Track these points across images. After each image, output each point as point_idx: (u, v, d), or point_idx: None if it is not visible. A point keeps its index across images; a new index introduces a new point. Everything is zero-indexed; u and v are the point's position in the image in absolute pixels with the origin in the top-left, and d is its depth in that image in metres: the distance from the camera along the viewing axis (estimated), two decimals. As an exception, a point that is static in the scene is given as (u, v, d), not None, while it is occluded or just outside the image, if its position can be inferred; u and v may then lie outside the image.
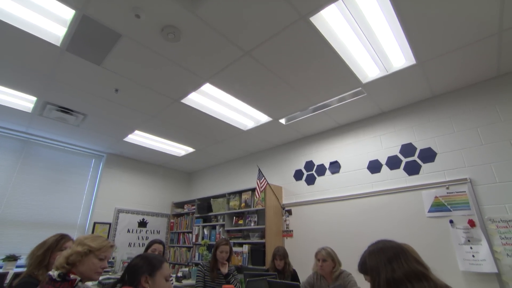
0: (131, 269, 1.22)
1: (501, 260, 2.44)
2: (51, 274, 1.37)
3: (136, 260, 1.25)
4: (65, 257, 1.40)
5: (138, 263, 1.23)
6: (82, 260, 1.43)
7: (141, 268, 1.20)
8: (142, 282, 1.17)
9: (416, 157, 3.17)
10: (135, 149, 5.04)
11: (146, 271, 1.20)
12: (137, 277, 1.17)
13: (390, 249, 1.03)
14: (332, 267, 2.53)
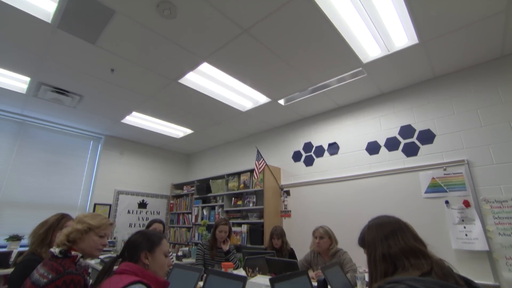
0: (131, 245, 1.23)
1: (492, 238, 2.51)
2: (53, 251, 1.40)
3: (135, 237, 1.26)
4: (66, 235, 1.43)
5: (138, 240, 1.23)
6: (82, 237, 1.47)
7: (140, 244, 1.21)
8: (142, 258, 1.18)
9: (415, 138, 3.18)
10: (133, 131, 5.01)
11: (146, 247, 1.21)
12: (137, 253, 1.19)
13: (388, 225, 1.05)
14: (329, 244, 2.60)
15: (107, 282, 1.05)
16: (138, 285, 0.99)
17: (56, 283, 1.29)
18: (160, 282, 1.15)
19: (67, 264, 1.37)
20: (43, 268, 1.36)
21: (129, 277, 1.03)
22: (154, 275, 1.14)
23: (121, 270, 1.10)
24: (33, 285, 1.32)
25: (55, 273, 1.31)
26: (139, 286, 0.99)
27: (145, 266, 1.17)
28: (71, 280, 1.31)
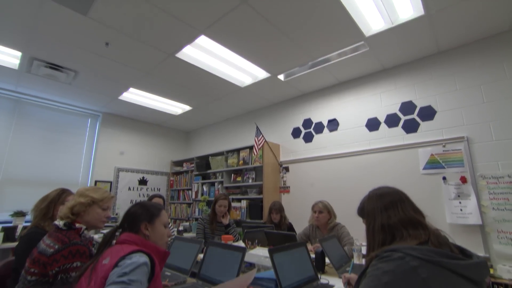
0: (130, 216, 1.24)
1: (486, 213, 2.57)
2: (57, 224, 1.43)
3: (135, 208, 1.26)
4: (69, 208, 1.46)
5: (137, 211, 1.24)
6: (86, 210, 1.50)
7: (140, 215, 1.22)
8: (142, 229, 1.20)
9: (416, 115, 3.15)
10: (131, 108, 4.95)
11: (146, 218, 1.22)
12: (137, 224, 1.20)
13: (388, 196, 1.05)
14: (328, 219, 2.66)
15: (108, 251, 1.07)
16: (139, 254, 1.01)
17: (62, 253, 1.33)
18: (160, 252, 1.17)
19: (72, 235, 1.41)
20: (49, 239, 1.40)
21: (129, 247, 1.05)
22: (155, 245, 1.16)
23: (122, 240, 1.12)
24: (40, 254, 1.36)
25: (61, 243, 1.35)
26: (140, 255, 1.01)
27: (145, 236, 1.19)
28: (76, 250, 1.35)
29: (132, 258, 0.97)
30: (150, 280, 1.01)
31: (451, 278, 0.80)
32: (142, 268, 0.97)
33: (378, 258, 0.88)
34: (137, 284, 0.92)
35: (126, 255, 0.99)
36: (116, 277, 0.91)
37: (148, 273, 1.00)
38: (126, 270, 0.93)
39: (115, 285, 0.89)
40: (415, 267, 0.79)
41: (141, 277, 0.96)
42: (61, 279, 1.31)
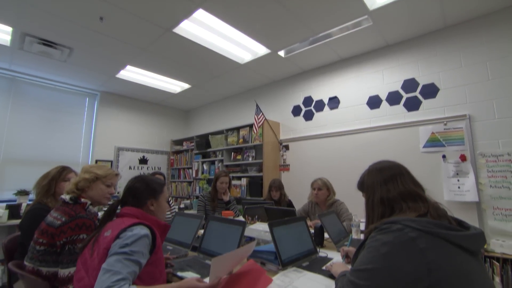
0: (135, 191, 1.24)
1: (483, 190, 2.60)
2: (64, 198, 1.47)
3: (138, 184, 1.26)
4: (74, 184, 1.51)
5: (141, 187, 1.25)
6: (90, 186, 1.55)
7: (145, 191, 1.23)
8: (148, 204, 1.22)
9: (418, 93, 3.11)
10: (129, 87, 4.86)
11: (152, 194, 1.24)
12: (143, 200, 1.22)
13: (388, 170, 1.05)
14: (327, 195, 2.69)
15: (109, 224, 1.08)
16: (140, 226, 1.03)
17: (69, 225, 1.37)
18: (161, 225, 1.19)
19: (78, 209, 1.46)
20: (56, 212, 1.45)
21: (130, 220, 1.07)
22: (155, 218, 1.18)
23: (123, 214, 1.14)
24: (48, 226, 1.41)
25: (68, 216, 1.40)
26: (141, 227, 1.02)
27: (150, 211, 1.21)
28: (82, 223, 1.39)
29: (133, 230, 0.99)
30: (152, 252, 1.03)
31: (448, 248, 0.81)
32: (143, 240, 0.98)
33: (377, 230, 0.89)
34: (139, 255, 0.94)
35: (127, 227, 1.00)
36: (118, 248, 0.93)
37: (150, 245, 1.02)
38: (127, 242, 0.94)
39: (117, 256, 0.90)
40: (414, 238, 0.81)
41: (143, 249, 0.97)
42: (68, 250, 1.36)
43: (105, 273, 0.85)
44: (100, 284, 0.82)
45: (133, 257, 0.92)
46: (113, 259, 0.89)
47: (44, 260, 1.37)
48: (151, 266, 1.02)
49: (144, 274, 0.98)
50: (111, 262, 0.88)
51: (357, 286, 0.84)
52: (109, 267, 0.86)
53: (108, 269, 0.85)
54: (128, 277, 0.87)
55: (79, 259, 1.06)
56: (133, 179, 1.28)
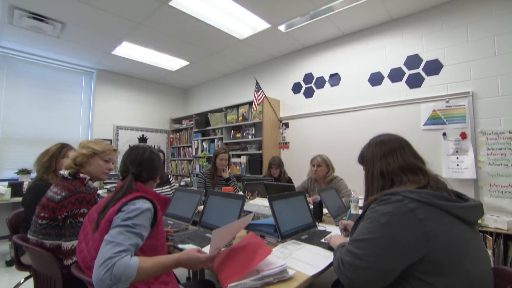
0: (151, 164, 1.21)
1: (482, 168, 2.62)
2: (63, 173, 1.47)
3: (154, 156, 1.23)
4: (72, 159, 1.51)
5: (156, 158, 1.23)
6: (88, 161, 1.55)
7: (159, 166, 1.24)
8: (157, 178, 1.25)
9: (421, 69, 3.04)
10: (126, 64, 4.75)
11: (161, 170, 1.27)
12: (156, 173, 1.23)
13: (388, 143, 1.04)
14: (326, 172, 2.71)
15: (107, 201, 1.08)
16: (142, 200, 1.03)
17: (70, 200, 1.38)
18: (161, 198, 1.19)
19: (77, 184, 1.46)
20: (56, 188, 1.46)
21: (132, 193, 1.07)
22: (156, 192, 1.18)
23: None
24: (48, 200, 1.42)
25: (68, 191, 1.40)
26: (143, 201, 1.03)
27: (153, 184, 1.24)
28: (83, 197, 1.41)
29: (136, 204, 0.99)
30: (153, 225, 1.04)
31: (446, 218, 0.82)
32: (145, 213, 0.99)
33: (377, 202, 0.89)
34: (141, 228, 0.95)
35: (129, 200, 1.00)
36: (120, 220, 0.93)
37: (151, 219, 1.03)
38: (130, 215, 0.95)
39: (119, 228, 0.91)
40: (413, 208, 0.81)
41: (145, 222, 0.98)
42: (70, 223, 1.38)
43: (107, 244, 0.86)
44: (102, 254, 0.83)
45: (135, 230, 0.93)
46: (115, 231, 0.90)
47: (47, 233, 1.40)
48: (152, 239, 1.03)
49: (146, 247, 1.00)
50: (113, 234, 0.89)
51: (356, 255, 0.85)
52: (112, 238, 0.87)
53: (111, 241, 0.86)
54: (130, 249, 0.88)
55: (81, 231, 1.08)
56: (144, 150, 1.22)
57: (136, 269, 0.82)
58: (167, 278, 1.06)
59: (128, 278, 0.80)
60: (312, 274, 1.02)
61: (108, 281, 0.78)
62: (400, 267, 0.81)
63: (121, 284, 0.80)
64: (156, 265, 0.89)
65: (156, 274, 0.91)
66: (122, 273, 0.79)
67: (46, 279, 1.35)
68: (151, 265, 0.87)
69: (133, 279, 0.82)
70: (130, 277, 0.81)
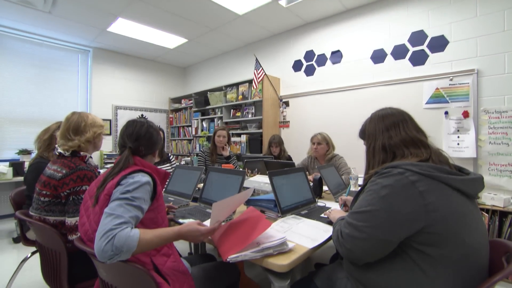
0: (149, 139, 1.18)
1: (482, 147, 2.62)
2: (62, 151, 1.46)
3: (151, 130, 1.20)
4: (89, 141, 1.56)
5: (155, 135, 1.21)
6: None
7: (158, 141, 1.22)
8: (156, 153, 1.23)
9: (425, 46, 2.96)
10: (122, 42, 4.62)
11: (160, 144, 1.24)
12: (154, 149, 1.21)
13: (391, 117, 1.02)
14: (326, 150, 2.71)
15: (105, 176, 1.07)
16: (141, 173, 1.02)
17: (71, 177, 1.38)
18: (161, 172, 1.18)
19: (77, 161, 1.46)
20: (55, 165, 1.45)
21: (130, 167, 1.06)
22: (155, 166, 1.17)
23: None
24: (49, 178, 1.42)
25: (68, 168, 1.40)
26: (142, 174, 1.02)
27: (152, 159, 1.22)
28: (84, 175, 1.41)
29: (135, 177, 0.98)
30: (153, 199, 1.04)
31: (447, 191, 0.82)
32: (145, 187, 0.98)
33: (377, 175, 0.89)
34: (141, 201, 0.95)
35: (128, 174, 1.00)
36: (119, 194, 0.93)
37: (151, 192, 1.02)
38: (129, 188, 0.94)
39: (118, 201, 0.91)
40: (414, 181, 0.81)
41: (144, 195, 0.97)
42: (73, 200, 1.40)
43: (107, 216, 0.86)
44: (103, 227, 0.83)
45: (135, 203, 0.92)
46: (115, 204, 0.90)
47: (50, 210, 1.42)
48: (153, 212, 1.04)
49: (146, 220, 1.00)
50: (113, 206, 0.89)
51: (355, 227, 0.86)
52: (111, 211, 0.87)
53: (111, 213, 0.86)
54: (130, 221, 0.88)
55: (82, 206, 1.08)
56: (142, 124, 1.19)
57: (137, 240, 0.83)
58: (168, 250, 1.07)
59: (129, 249, 0.81)
60: (312, 246, 1.04)
61: (110, 252, 0.78)
62: (398, 239, 0.81)
63: (123, 255, 0.81)
64: (157, 237, 0.89)
65: (157, 246, 0.92)
66: (123, 244, 0.80)
67: (51, 253, 1.38)
68: (151, 237, 0.88)
69: (135, 250, 0.82)
70: (131, 248, 0.81)
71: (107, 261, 0.79)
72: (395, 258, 0.84)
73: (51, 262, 1.39)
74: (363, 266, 0.91)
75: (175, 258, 1.08)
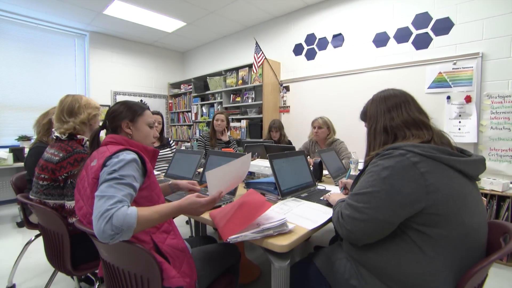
0: (111, 114, 1.17)
1: (483, 132, 2.61)
2: (58, 135, 1.45)
3: (115, 107, 1.19)
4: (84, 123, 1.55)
5: (118, 109, 1.17)
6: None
7: (121, 113, 1.16)
8: (124, 127, 1.15)
9: (429, 29, 2.89)
10: (119, 25, 4.51)
11: (127, 116, 1.16)
12: (118, 122, 1.15)
13: (393, 98, 1.01)
14: (327, 134, 2.70)
15: (94, 154, 1.05)
16: (126, 152, 0.99)
17: (68, 160, 1.38)
18: (149, 150, 1.15)
19: (74, 145, 1.45)
20: (52, 149, 1.45)
21: (115, 147, 1.02)
22: (142, 144, 1.14)
23: (106, 142, 1.09)
24: (46, 162, 1.41)
25: (65, 152, 1.40)
26: (127, 152, 0.98)
27: (128, 135, 1.15)
28: (81, 158, 1.40)
29: (119, 156, 0.95)
30: (144, 176, 1.02)
31: (448, 172, 0.82)
32: (131, 164, 0.95)
33: (379, 156, 0.88)
34: (130, 178, 0.91)
35: (112, 154, 0.96)
36: (106, 175, 0.90)
37: (140, 169, 1.00)
38: (115, 168, 0.91)
39: (107, 182, 0.87)
40: (416, 162, 0.80)
41: (133, 172, 0.94)
42: (71, 183, 1.40)
43: (100, 199, 0.83)
44: (97, 209, 0.80)
45: (124, 181, 0.89)
46: (104, 186, 0.86)
47: (49, 193, 1.42)
48: (146, 190, 1.02)
49: (140, 199, 0.98)
50: (103, 188, 0.86)
51: (356, 208, 0.86)
52: (102, 193, 0.84)
53: (102, 195, 0.83)
54: (125, 200, 0.85)
55: (76, 189, 1.07)
56: (114, 104, 1.21)
57: (136, 217, 0.80)
58: (168, 227, 1.07)
59: (129, 227, 0.79)
60: (311, 228, 1.05)
61: (110, 231, 0.76)
62: (398, 220, 0.82)
63: (124, 234, 0.78)
64: (156, 213, 0.87)
65: (157, 222, 0.90)
66: (122, 223, 0.78)
67: (54, 235, 1.40)
68: (150, 213, 0.85)
69: (135, 228, 0.80)
70: (131, 226, 0.79)
71: (110, 241, 0.77)
72: (394, 238, 0.85)
73: (54, 244, 1.41)
74: (362, 246, 0.91)
75: (175, 234, 1.08)
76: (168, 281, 0.91)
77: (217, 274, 1.20)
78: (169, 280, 0.91)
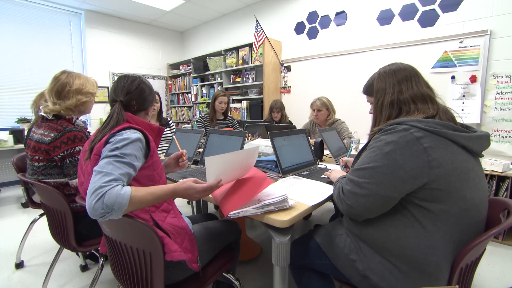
0: (141, 95, 1.12)
1: (487, 112, 2.58)
2: (45, 115, 1.43)
3: (143, 85, 1.13)
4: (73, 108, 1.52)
5: (147, 91, 1.14)
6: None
7: (149, 96, 1.15)
8: (149, 110, 1.17)
9: (437, 5, 2.79)
10: (115, 3, 4.35)
11: (152, 101, 1.18)
12: (146, 105, 1.15)
13: (402, 71, 0.98)
14: (327, 115, 2.65)
15: (98, 131, 1.03)
16: (131, 130, 0.97)
17: (62, 139, 1.36)
18: (154, 128, 1.14)
19: (64, 123, 1.43)
20: (41, 129, 1.42)
21: (120, 124, 1.01)
22: (147, 122, 1.12)
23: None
24: (38, 143, 1.39)
25: (56, 131, 1.37)
26: (132, 131, 0.97)
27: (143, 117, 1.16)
28: (74, 136, 1.39)
29: (123, 134, 0.94)
30: (147, 156, 1.01)
31: (451, 147, 0.81)
32: (135, 143, 0.94)
33: (381, 131, 0.87)
34: (132, 158, 0.91)
35: (116, 132, 0.95)
36: (108, 151, 0.89)
37: (144, 149, 0.99)
38: (118, 145, 0.90)
39: (107, 159, 0.87)
40: (419, 137, 0.79)
41: (135, 152, 0.93)
42: (70, 162, 1.39)
43: (97, 174, 0.82)
44: (92, 185, 0.80)
45: (125, 159, 0.88)
46: (104, 162, 0.86)
47: (48, 173, 1.41)
48: (148, 170, 1.01)
49: (142, 177, 0.98)
50: (102, 164, 0.85)
51: (357, 183, 0.86)
52: (101, 169, 0.84)
53: (100, 171, 0.83)
54: (121, 178, 0.84)
55: (78, 167, 1.07)
56: (133, 79, 1.12)
57: (128, 198, 0.80)
58: (168, 206, 1.07)
59: (120, 207, 0.78)
60: (312, 204, 1.05)
61: (101, 209, 0.76)
62: (400, 195, 0.81)
63: (114, 213, 0.78)
64: (150, 194, 0.86)
65: (151, 204, 0.89)
66: (114, 202, 0.77)
67: (56, 213, 1.41)
68: (144, 195, 0.84)
69: (126, 208, 0.80)
70: (123, 207, 0.79)
71: (99, 218, 0.78)
72: (395, 214, 0.85)
73: (58, 222, 1.43)
74: (362, 222, 0.92)
75: (175, 213, 1.08)
76: (170, 255, 0.92)
77: (218, 249, 1.22)
78: (171, 254, 0.92)
